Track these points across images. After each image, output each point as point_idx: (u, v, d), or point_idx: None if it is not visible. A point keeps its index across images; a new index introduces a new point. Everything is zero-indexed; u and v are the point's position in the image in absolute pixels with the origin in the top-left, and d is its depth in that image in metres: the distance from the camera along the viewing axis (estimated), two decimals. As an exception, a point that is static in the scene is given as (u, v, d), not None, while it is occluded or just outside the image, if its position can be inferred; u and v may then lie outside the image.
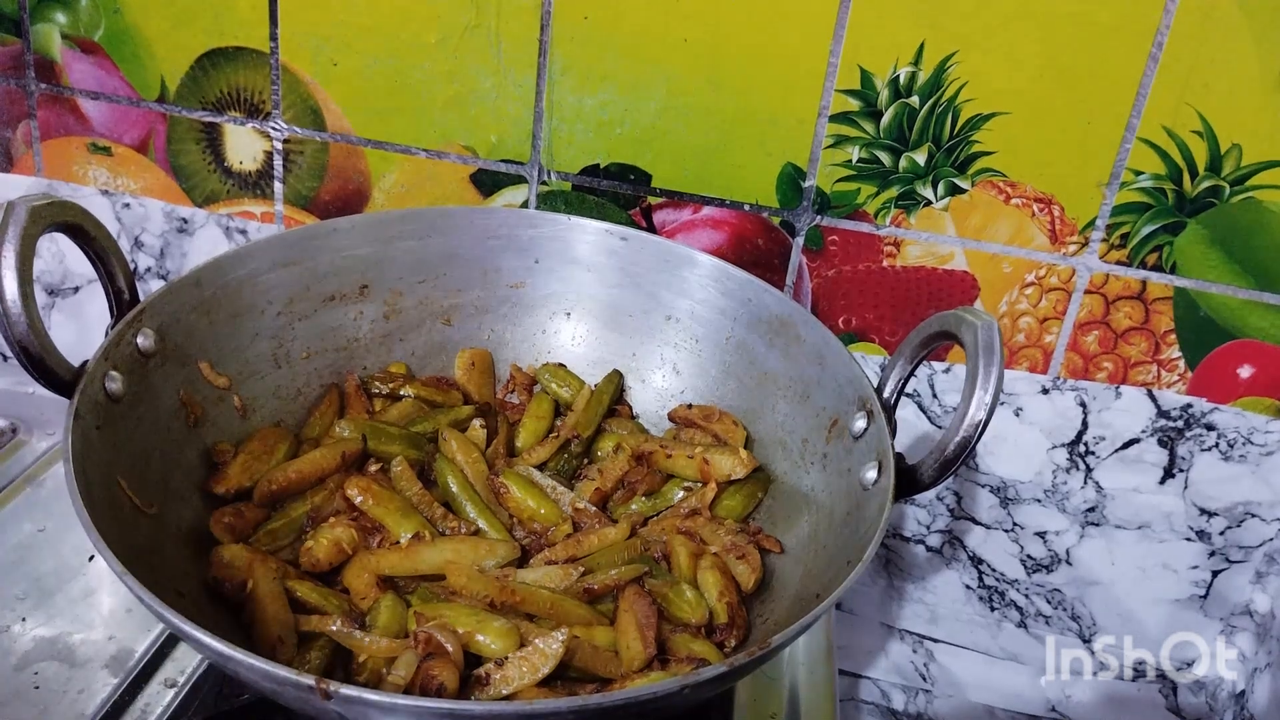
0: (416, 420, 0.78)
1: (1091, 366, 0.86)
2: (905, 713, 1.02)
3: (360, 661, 0.60)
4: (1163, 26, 0.74)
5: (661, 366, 0.83)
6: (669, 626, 0.65)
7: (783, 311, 0.76)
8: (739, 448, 0.74)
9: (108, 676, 0.69)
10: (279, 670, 0.47)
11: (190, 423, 0.69)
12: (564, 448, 0.78)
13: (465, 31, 0.85)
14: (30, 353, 0.58)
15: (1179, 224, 0.80)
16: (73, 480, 0.54)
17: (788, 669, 0.77)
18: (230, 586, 0.62)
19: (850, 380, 0.69)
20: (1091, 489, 0.89)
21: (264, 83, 0.90)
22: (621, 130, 0.86)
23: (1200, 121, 0.76)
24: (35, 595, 0.74)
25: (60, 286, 1.04)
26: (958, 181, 0.81)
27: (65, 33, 0.93)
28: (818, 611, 0.53)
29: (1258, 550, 0.89)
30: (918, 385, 0.89)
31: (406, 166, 0.91)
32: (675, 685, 0.49)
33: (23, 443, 0.90)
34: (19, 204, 0.58)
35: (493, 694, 0.57)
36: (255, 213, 0.96)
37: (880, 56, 0.78)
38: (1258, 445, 0.85)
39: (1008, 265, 0.84)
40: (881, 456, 0.63)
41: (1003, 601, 0.96)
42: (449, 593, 0.64)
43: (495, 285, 0.84)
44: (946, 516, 0.94)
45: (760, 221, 0.86)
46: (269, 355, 0.76)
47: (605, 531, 0.71)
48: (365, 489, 0.70)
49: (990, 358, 0.58)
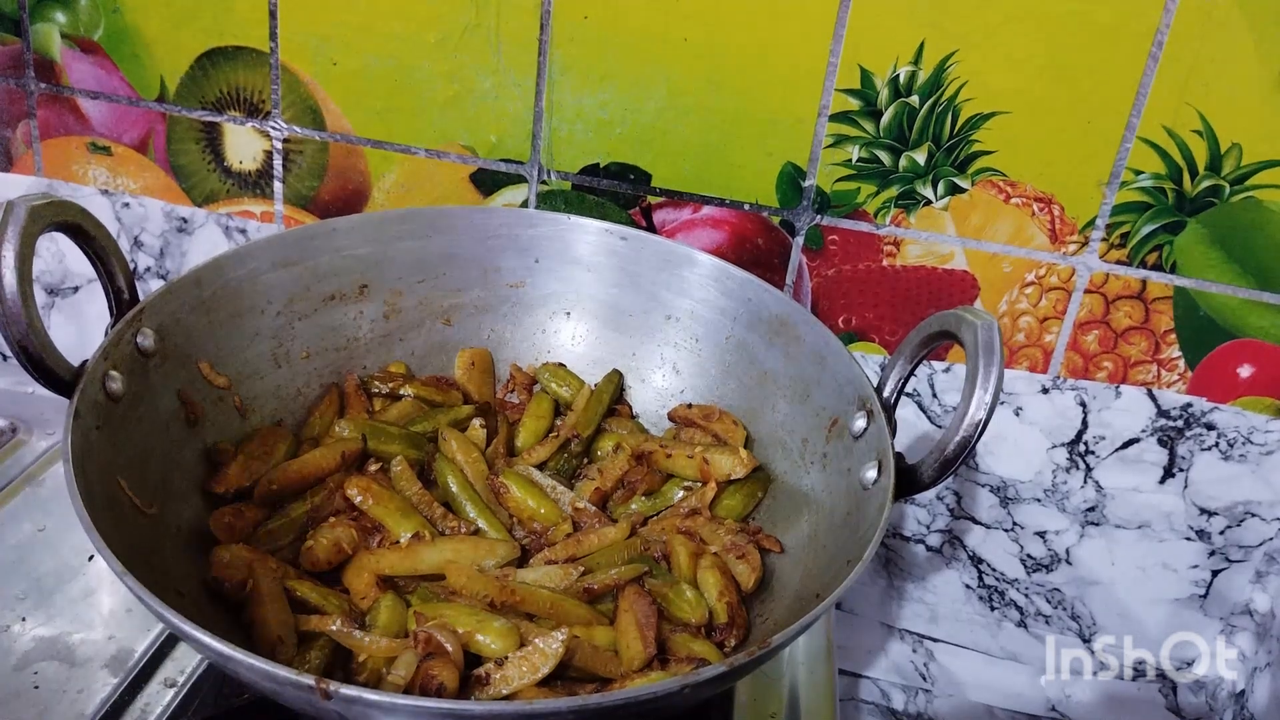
0: (416, 420, 0.78)
1: (1091, 366, 0.86)
2: (905, 713, 1.02)
3: (360, 661, 0.60)
4: (1163, 26, 0.74)
5: (661, 366, 0.83)
6: (669, 626, 0.65)
7: (783, 311, 0.76)
8: (739, 447, 0.74)
9: (108, 676, 0.69)
10: (279, 670, 0.47)
11: (190, 422, 0.69)
12: (564, 447, 0.78)
13: (465, 31, 0.85)
14: (30, 352, 0.58)
15: (1179, 223, 0.80)
16: (72, 480, 0.54)
17: (788, 669, 0.77)
18: (230, 586, 0.62)
19: (850, 380, 0.69)
20: (1091, 488, 0.89)
21: (264, 82, 0.90)
22: (621, 130, 0.86)
23: (1200, 121, 0.76)
24: (35, 595, 0.74)
25: (60, 286, 1.04)
26: (958, 181, 0.81)
27: (65, 32, 0.93)
28: (818, 611, 0.53)
29: (1258, 550, 0.89)
30: (918, 385, 0.89)
31: (406, 166, 0.91)
32: (675, 685, 0.49)
33: (23, 443, 0.90)
34: (19, 204, 0.58)
35: (493, 694, 0.57)
36: (255, 212, 0.96)
37: (880, 56, 0.78)
38: (1258, 445, 0.85)
39: (1008, 265, 0.84)
40: (881, 456, 0.63)
41: (1003, 601, 0.96)
42: (449, 593, 0.64)
43: (495, 285, 0.84)
44: (946, 516, 0.94)
45: (760, 221, 0.86)
46: (269, 355, 0.76)
47: (605, 531, 0.71)
48: (365, 489, 0.70)
49: (990, 357, 0.58)
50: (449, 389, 0.81)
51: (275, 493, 0.69)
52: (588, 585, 0.66)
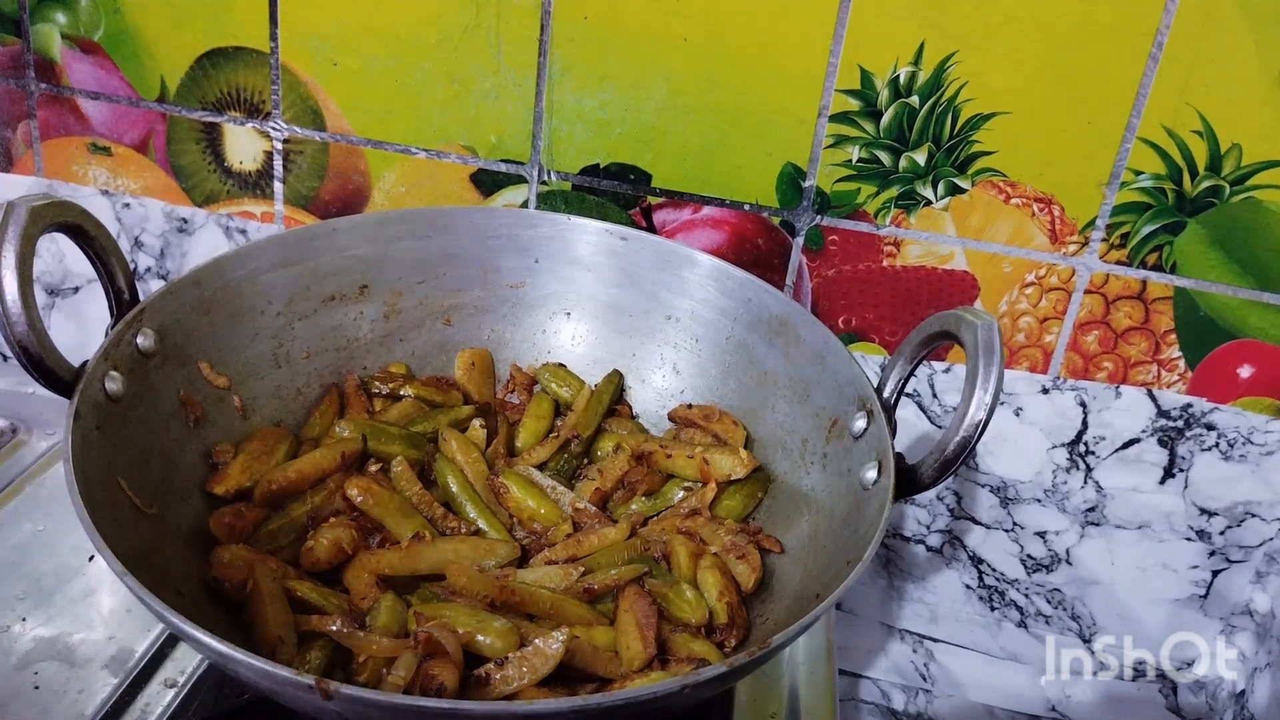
0: (416, 420, 0.78)
1: (1091, 366, 0.86)
2: (905, 713, 1.02)
3: (360, 661, 0.60)
4: (1163, 26, 0.74)
5: (661, 366, 0.83)
6: (669, 626, 0.65)
7: (783, 311, 0.76)
8: (739, 448, 0.74)
9: (108, 676, 0.69)
10: (279, 670, 0.47)
11: (190, 423, 0.69)
12: (564, 448, 0.78)
13: (465, 31, 0.85)
14: (30, 353, 0.58)
15: (1179, 224, 0.80)
16: (73, 480, 0.54)
17: (788, 669, 0.77)
18: (230, 586, 0.62)
19: (850, 380, 0.69)
20: (1091, 489, 0.89)
21: (264, 83, 0.90)
22: (621, 130, 0.86)
23: (1200, 121, 0.76)
24: (35, 595, 0.74)
25: (60, 286, 1.04)
26: (958, 181, 0.81)
27: (65, 33, 0.93)
28: (818, 611, 0.53)
29: (1258, 550, 0.89)
30: (918, 385, 0.89)
31: (406, 166, 0.91)
32: (675, 685, 0.49)
33: (23, 443, 0.90)
34: (19, 204, 0.58)
35: (493, 694, 0.57)
36: (255, 213, 0.96)
37: (880, 56, 0.78)
38: (1258, 445, 0.85)
39: (1008, 265, 0.84)
40: (881, 456, 0.63)
41: (1003, 601, 0.96)
42: (449, 593, 0.64)
43: (495, 285, 0.84)
44: (946, 516, 0.94)
45: (760, 221, 0.86)
46: (269, 355, 0.76)
47: (605, 531, 0.71)
48: (365, 489, 0.70)
49: (990, 358, 0.58)
50: (449, 389, 0.81)
51: (275, 493, 0.69)
52: (588, 585, 0.66)
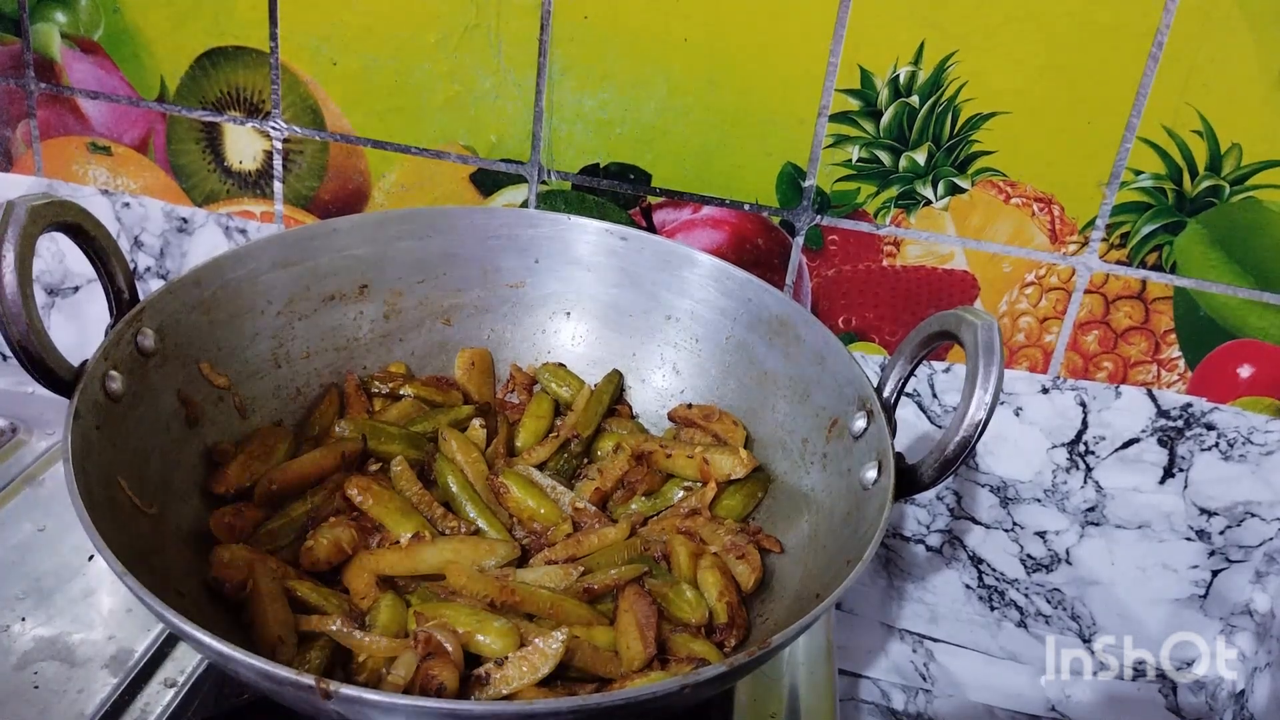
0: (416, 420, 0.78)
1: (1091, 366, 0.86)
2: (905, 713, 1.02)
3: (360, 661, 0.60)
4: (1163, 26, 0.74)
5: (661, 366, 0.83)
6: (669, 626, 0.65)
7: (783, 311, 0.76)
8: (739, 447, 0.74)
9: (107, 676, 0.69)
10: (279, 670, 0.47)
11: (190, 423, 0.69)
12: (564, 447, 0.78)
13: (465, 31, 0.85)
14: (30, 353, 0.58)
15: (1179, 224, 0.80)
16: (73, 480, 0.54)
17: (788, 669, 0.77)
18: (230, 586, 0.62)
19: (850, 380, 0.69)
20: (1091, 489, 0.89)
21: (264, 82, 0.90)
22: (621, 130, 0.86)
23: (1200, 121, 0.76)
24: (35, 595, 0.74)
25: (60, 286, 1.04)
26: (958, 181, 0.81)
27: (65, 32, 0.93)
28: (818, 611, 0.53)
29: (1258, 550, 0.89)
30: (918, 385, 0.89)
31: (406, 166, 0.91)
32: (675, 685, 0.49)
33: (23, 443, 0.90)
34: (19, 204, 0.58)
35: (493, 694, 0.57)
36: (255, 212, 0.96)
37: (880, 56, 0.78)
38: (1258, 445, 0.85)
39: (1008, 265, 0.84)
40: (881, 456, 0.63)
41: (1003, 601, 0.96)
42: (449, 593, 0.64)
43: (495, 285, 0.84)
44: (946, 516, 0.94)
45: (760, 221, 0.86)
46: (269, 355, 0.76)
47: (605, 531, 0.71)
48: (365, 489, 0.70)
49: (990, 357, 0.58)
50: (449, 389, 0.81)
51: (275, 493, 0.69)
52: (588, 585, 0.66)
